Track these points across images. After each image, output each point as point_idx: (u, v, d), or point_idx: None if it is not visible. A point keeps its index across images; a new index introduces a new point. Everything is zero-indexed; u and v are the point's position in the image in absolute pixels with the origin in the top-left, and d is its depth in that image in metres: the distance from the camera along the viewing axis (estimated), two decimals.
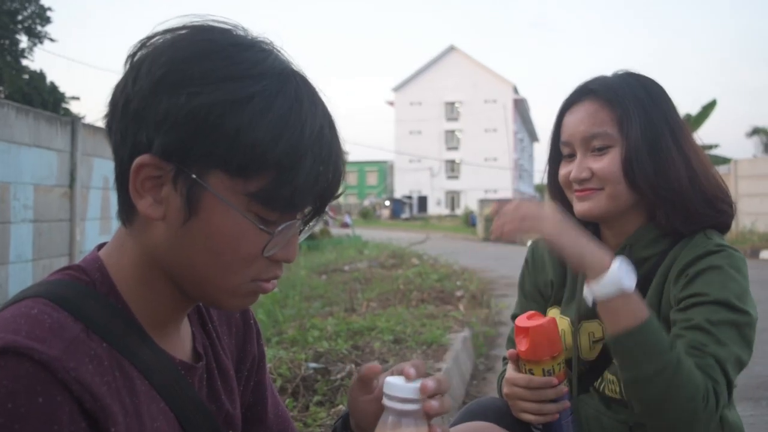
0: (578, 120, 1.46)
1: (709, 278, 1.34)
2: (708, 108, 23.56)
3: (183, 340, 0.92)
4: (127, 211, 0.83)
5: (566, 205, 1.55)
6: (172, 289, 0.85)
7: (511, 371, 1.47)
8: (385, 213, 59.02)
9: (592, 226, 1.53)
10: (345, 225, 29.05)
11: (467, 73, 64.54)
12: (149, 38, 0.81)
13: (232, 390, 0.98)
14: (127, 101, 0.78)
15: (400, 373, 0.85)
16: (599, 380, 1.53)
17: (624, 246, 1.48)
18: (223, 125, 0.75)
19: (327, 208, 0.87)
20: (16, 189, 5.74)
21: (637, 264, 1.44)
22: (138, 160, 0.77)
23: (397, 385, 0.82)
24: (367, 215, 56.70)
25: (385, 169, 75.02)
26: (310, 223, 0.88)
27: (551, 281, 1.64)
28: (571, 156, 1.49)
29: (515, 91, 64.72)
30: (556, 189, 1.56)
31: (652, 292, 1.44)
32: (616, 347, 1.30)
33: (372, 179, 77.43)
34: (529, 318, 1.43)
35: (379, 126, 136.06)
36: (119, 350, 0.78)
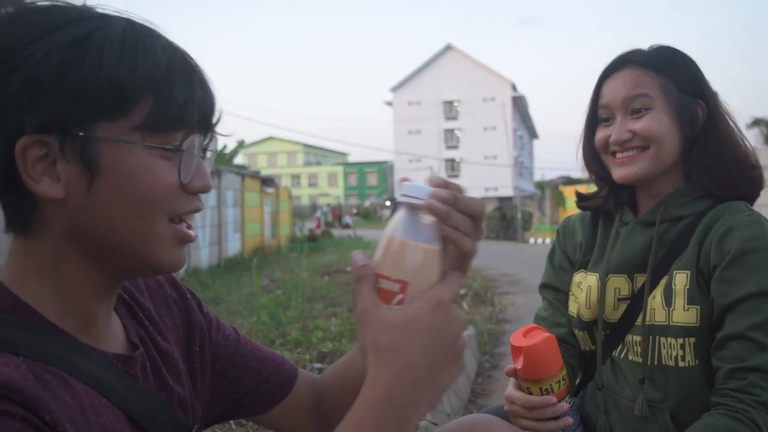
0: (620, 84, 1.51)
1: (753, 261, 1.34)
2: None
3: (115, 334, 0.89)
4: (20, 217, 0.78)
5: (602, 170, 1.60)
6: (92, 277, 0.81)
7: (510, 388, 1.44)
8: (387, 213, 59.04)
9: (627, 187, 1.57)
10: (346, 226, 29.02)
11: (465, 71, 64.40)
12: None
13: (179, 372, 0.96)
14: None
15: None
16: (620, 346, 1.52)
17: (661, 203, 1.51)
18: (78, 69, 0.73)
19: (214, 128, 0.86)
20: None
21: (672, 221, 1.49)
22: (18, 144, 0.73)
23: (412, 184, 0.80)
24: (368, 216, 56.73)
25: (385, 170, 74.97)
26: (209, 148, 0.87)
27: (580, 243, 1.67)
28: (608, 120, 1.54)
29: (514, 88, 64.56)
30: (593, 155, 1.61)
31: (690, 250, 1.44)
32: None
33: (372, 180, 77.40)
34: (526, 335, 1.38)
35: (377, 127, 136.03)
36: (38, 359, 0.73)
